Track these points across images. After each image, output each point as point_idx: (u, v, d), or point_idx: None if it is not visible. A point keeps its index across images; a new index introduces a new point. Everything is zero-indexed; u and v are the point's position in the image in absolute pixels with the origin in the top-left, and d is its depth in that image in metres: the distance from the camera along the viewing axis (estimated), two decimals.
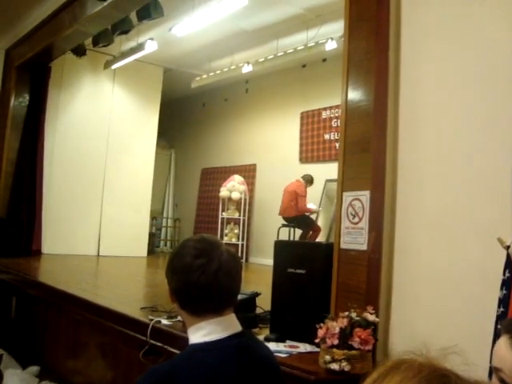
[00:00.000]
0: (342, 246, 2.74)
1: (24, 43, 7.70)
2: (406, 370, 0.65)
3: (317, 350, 2.50)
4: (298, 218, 8.46)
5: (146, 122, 10.03)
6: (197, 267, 1.50)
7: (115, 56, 8.67)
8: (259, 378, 1.56)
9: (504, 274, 1.86)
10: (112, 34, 6.88)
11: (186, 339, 1.57)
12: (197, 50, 8.95)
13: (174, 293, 1.57)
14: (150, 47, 7.84)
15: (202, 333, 1.52)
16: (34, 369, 4.40)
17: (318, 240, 8.12)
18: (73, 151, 8.95)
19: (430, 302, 2.46)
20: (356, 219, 2.67)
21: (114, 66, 8.86)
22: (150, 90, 10.08)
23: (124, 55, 8.44)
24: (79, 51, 7.70)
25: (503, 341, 1.05)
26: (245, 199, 10.02)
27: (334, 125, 8.80)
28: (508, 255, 1.87)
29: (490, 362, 1.07)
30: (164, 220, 12.32)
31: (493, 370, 1.05)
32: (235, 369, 1.50)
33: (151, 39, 7.84)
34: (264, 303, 3.33)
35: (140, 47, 7.98)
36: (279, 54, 8.33)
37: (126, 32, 6.84)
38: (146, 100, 10.01)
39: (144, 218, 9.96)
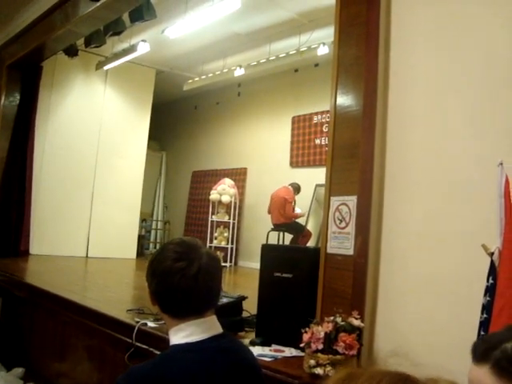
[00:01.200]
0: (329, 250, 2.74)
1: (15, 42, 7.66)
2: (367, 379, 0.63)
3: (302, 354, 2.49)
4: (286, 224, 8.49)
5: (137, 124, 10.02)
6: (177, 270, 1.51)
7: (107, 57, 8.65)
8: (239, 380, 1.56)
9: (488, 281, 1.87)
10: (104, 35, 6.85)
11: None
12: (189, 52, 8.96)
13: (154, 296, 1.59)
14: (143, 49, 7.84)
15: (182, 334, 1.54)
16: (19, 370, 4.36)
17: (308, 244, 8.13)
18: (63, 151, 8.91)
19: (415, 308, 2.46)
20: (343, 224, 2.67)
21: (106, 67, 8.84)
22: (142, 91, 10.07)
23: (116, 56, 8.42)
24: (71, 52, 7.68)
25: (483, 372, 0.95)
26: (235, 203, 10.01)
27: (325, 130, 8.83)
28: (492, 262, 1.87)
29: None
30: (154, 222, 12.29)
31: None
32: (215, 370, 1.51)
33: (144, 41, 7.84)
34: (252, 307, 3.33)
35: (132, 49, 7.97)
36: (271, 58, 8.35)
37: (118, 33, 6.82)
38: (137, 102, 10.00)
39: (134, 219, 9.94)
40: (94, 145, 9.37)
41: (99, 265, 8.47)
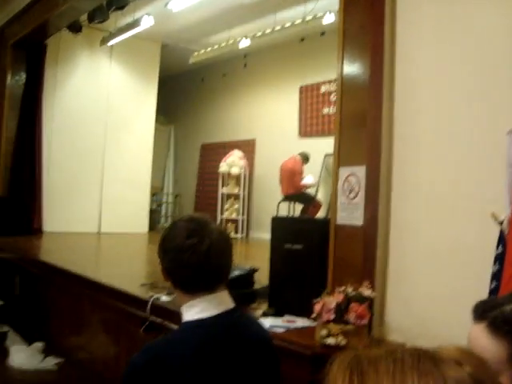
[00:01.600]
0: (339, 221, 2.75)
1: (18, 21, 7.62)
2: (385, 363, 0.62)
3: (314, 324, 2.52)
4: (296, 195, 8.48)
5: (144, 99, 9.98)
6: (188, 247, 1.53)
7: (111, 32, 8.57)
8: (251, 354, 1.59)
9: (497, 249, 1.87)
10: (107, 10, 6.81)
11: None
12: (194, 25, 8.85)
13: (166, 272, 1.61)
14: (146, 23, 7.75)
15: (194, 310, 1.55)
16: (39, 345, 4.44)
17: (318, 214, 8.14)
18: (71, 129, 8.92)
19: (425, 278, 2.48)
20: (352, 194, 2.67)
21: (110, 43, 8.76)
22: (148, 66, 10.01)
23: (120, 31, 8.33)
24: (75, 28, 7.64)
25: (480, 330, 1.00)
26: (244, 174, 10.01)
27: (332, 99, 8.74)
28: (501, 230, 1.88)
29: None
30: (164, 196, 12.34)
31: None
32: (227, 345, 1.53)
33: (147, 15, 7.73)
34: (264, 278, 3.36)
35: (136, 23, 7.88)
36: (277, 28, 8.23)
37: (121, 8, 6.77)
38: (143, 76, 9.95)
39: (144, 194, 9.97)
40: (102, 121, 9.36)
41: (112, 240, 8.55)
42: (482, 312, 1.02)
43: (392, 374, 0.60)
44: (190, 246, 1.53)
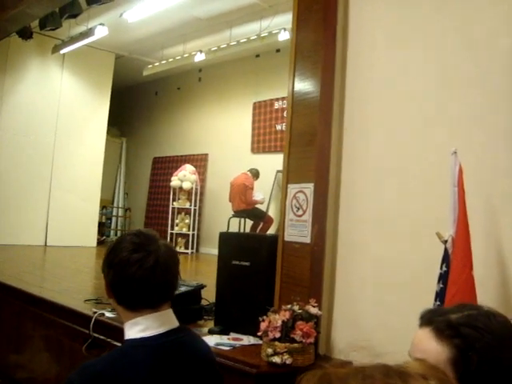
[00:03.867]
0: (286, 238, 2.73)
1: None
2: (357, 380, 0.61)
3: (261, 342, 2.49)
4: (247, 210, 8.48)
5: (96, 110, 9.82)
6: (134, 262, 1.49)
7: (64, 40, 8.42)
8: (195, 374, 1.55)
9: (441, 268, 1.89)
10: (60, 18, 6.68)
11: None
12: (149, 36, 8.80)
13: (110, 287, 1.55)
14: (100, 33, 7.66)
15: (138, 328, 1.50)
16: None
17: (270, 230, 8.14)
18: (19, 137, 8.68)
19: (373, 296, 2.48)
20: (300, 212, 2.66)
21: (62, 51, 8.60)
22: (101, 76, 9.85)
23: (73, 40, 8.21)
24: (25, 34, 7.46)
25: (425, 333, 1.05)
26: (196, 189, 9.94)
27: (286, 116, 8.79)
28: (445, 249, 1.90)
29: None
30: (114, 209, 12.13)
31: None
32: (171, 365, 1.48)
33: (101, 24, 7.65)
34: (212, 295, 3.31)
35: (90, 32, 7.78)
36: (232, 44, 8.27)
37: (74, 16, 6.66)
38: (96, 87, 9.78)
39: (94, 207, 9.77)
40: (52, 131, 9.14)
41: (58, 253, 8.31)
42: (428, 318, 1.08)
43: None
44: (136, 261, 1.48)
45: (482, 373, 0.97)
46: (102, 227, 10.97)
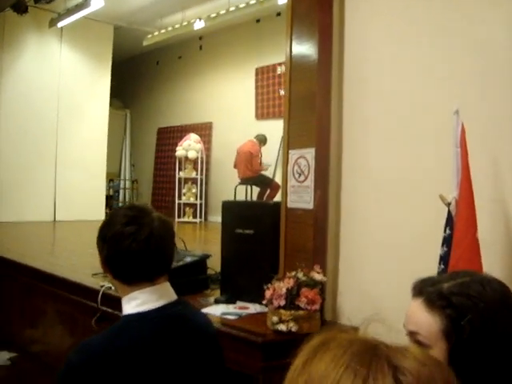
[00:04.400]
0: (289, 204, 2.70)
1: None
2: (335, 347, 0.61)
3: (267, 310, 2.49)
4: (254, 178, 8.45)
5: (97, 83, 9.73)
6: (128, 235, 1.47)
7: (60, 13, 8.29)
8: (195, 348, 1.53)
9: (445, 231, 1.85)
10: None
11: None
12: (147, 5, 8.66)
13: (105, 262, 1.54)
14: (96, 4, 7.53)
15: (135, 303, 1.49)
16: None
17: (276, 198, 8.12)
18: (21, 115, 8.62)
19: (376, 261, 2.46)
20: (302, 177, 2.62)
21: (59, 24, 8.48)
22: (101, 48, 9.73)
23: (69, 12, 8.08)
24: (19, 8, 7.34)
25: (417, 304, 1.04)
26: (201, 158, 9.90)
27: None
28: (449, 212, 1.86)
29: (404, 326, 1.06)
30: (121, 182, 12.14)
31: (407, 334, 1.05)
32: (169, 339, 1.47)
33: None
34: (219, 264, 3.30)
35: (86, 4, 7.65)
36: (231, 9, 8.11)
37: None
38: (96, 59, 9.67)
39: (100, 180, 9.78)
40: (54, 106, 9.08)
41: (67, 229, 8.35)
42: (420, 288, 1.06)
43: (333, 362, 0.59)
44: (130, 234, 1.47)
45: (476, 342, 0.96)
46: (110, 200, 11.00)
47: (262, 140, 8.60)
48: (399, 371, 0.57)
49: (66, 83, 9.22)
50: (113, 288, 3.29)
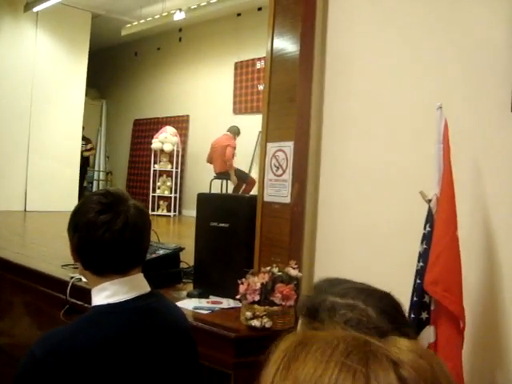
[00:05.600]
0: (266, 198, 2.65)
1: None
2: (320, 346, 0.55)
3: (241, 305, 2.44)
4: (229, 172, 8.40)
5: (73, 71, 9.54)
6: (101, 224, 1.40)
7: None
8: (167, 342, 1.48)
9: (425, 228, 1.82)
10: None
11: None
12: None
13: (76, 251, 1.46)
14: None
15: (105, 294, 1.43)
16: None
17: (252, 192, 8.08)
18: None
19: (354, 257, 2.42)
20: (279, 171, 2.57)
21: (35, 9, 8.29)
22: (78, 36, 9.55)
23: None
24: None
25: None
26: (177, 151, 9.81)
27: None
28: (429, 209, 1.83)
29: None
30: (96, 173, 11.98)
31: None
32: (140, 331, 1.41)
33: None
34: (193, 258, 3.24)
35: None
36: (212, 1, 8.04)
37: None
38: (73, 47, 9.48)
39: (74, 171, 9.60)
40: (27, 93, 8.86)
41: (37, 219, 8.18)
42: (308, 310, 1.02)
43: (323, 362, 0.53)
44: (104, 223, 1.39)
45: None
46: (84, 191, 10.83)
47: (235, 132, 8.57)
48: (400, 366, 0.52)
49: (41, 69, 9.02)
50: (83, 279, 3.21)
